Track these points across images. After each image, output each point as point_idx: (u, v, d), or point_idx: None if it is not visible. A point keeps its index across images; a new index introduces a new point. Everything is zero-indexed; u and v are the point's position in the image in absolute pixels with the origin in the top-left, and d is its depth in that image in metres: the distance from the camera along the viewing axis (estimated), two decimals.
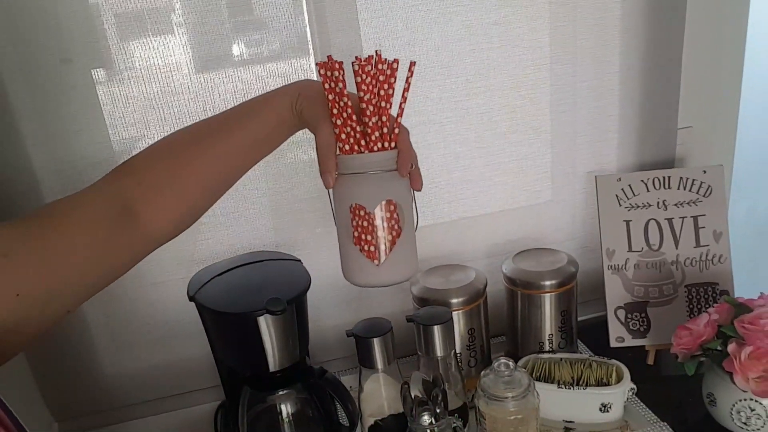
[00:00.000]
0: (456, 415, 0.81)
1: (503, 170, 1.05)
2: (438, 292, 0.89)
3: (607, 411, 0.83)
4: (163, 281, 0.97)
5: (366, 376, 0.79)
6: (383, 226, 0.61)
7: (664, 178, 0.97)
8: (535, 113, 1.03)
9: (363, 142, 0.61)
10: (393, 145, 0.61)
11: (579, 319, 0.99)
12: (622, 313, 0.97)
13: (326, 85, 0.59)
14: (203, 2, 0.86)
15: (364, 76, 0.59)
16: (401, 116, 0.61)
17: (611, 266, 0.97)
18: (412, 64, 0.61)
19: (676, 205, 0.97)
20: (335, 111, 0.60)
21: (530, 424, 0.74)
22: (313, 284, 0.80)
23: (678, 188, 0.97)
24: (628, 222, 0.97)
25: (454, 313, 0.88)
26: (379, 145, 0.61)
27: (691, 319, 0.83)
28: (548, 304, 0.92)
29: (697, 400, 0.84)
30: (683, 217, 0.96)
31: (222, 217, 0.96)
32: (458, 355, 0.91)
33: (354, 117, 0.60)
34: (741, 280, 0.97)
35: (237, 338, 0.79)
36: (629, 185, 0.97)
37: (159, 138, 0.63)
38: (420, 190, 0.65)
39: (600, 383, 0.84)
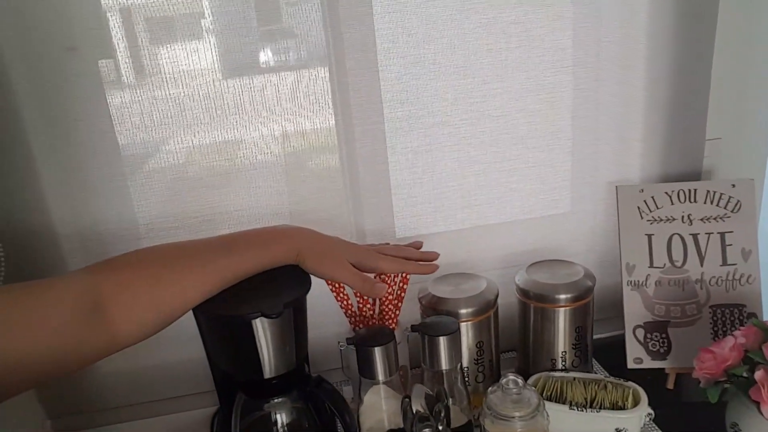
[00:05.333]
0: None
1: (520, 177, 1.01)
2: (446, 301, 0.85)
3: None
4: None
5: (366, 388, 0.76)
6: None
7: (689, 190, 0.92)
8: (554, 118, 0.99)
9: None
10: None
11: (595, 337, 0.93)
12: (641, 333, 0.92)
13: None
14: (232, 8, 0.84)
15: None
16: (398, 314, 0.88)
17: (631, 282, 0.92)
18: (405, 281, 0.87)
19: (702, 220, 0.91)
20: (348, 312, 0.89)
21: None
22: (316, 289, 0.76)
23: (705, 202, 0.92)
24: (650, 236, 0.92)
25: (463, 325, 0.84)
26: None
27: (715, 342, 0.77)
28: (562, 319, 0.87)
29: (720, 430, 0.78)
30: (709, 233, 0.91)
31: (234, 213, 0.94)
32: (465, 369, 0.86)
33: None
34: None
35: (231, 342, 0.75)
36: (652, 197, 0.92)
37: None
38: None
39: (615, 406, 0.79)
